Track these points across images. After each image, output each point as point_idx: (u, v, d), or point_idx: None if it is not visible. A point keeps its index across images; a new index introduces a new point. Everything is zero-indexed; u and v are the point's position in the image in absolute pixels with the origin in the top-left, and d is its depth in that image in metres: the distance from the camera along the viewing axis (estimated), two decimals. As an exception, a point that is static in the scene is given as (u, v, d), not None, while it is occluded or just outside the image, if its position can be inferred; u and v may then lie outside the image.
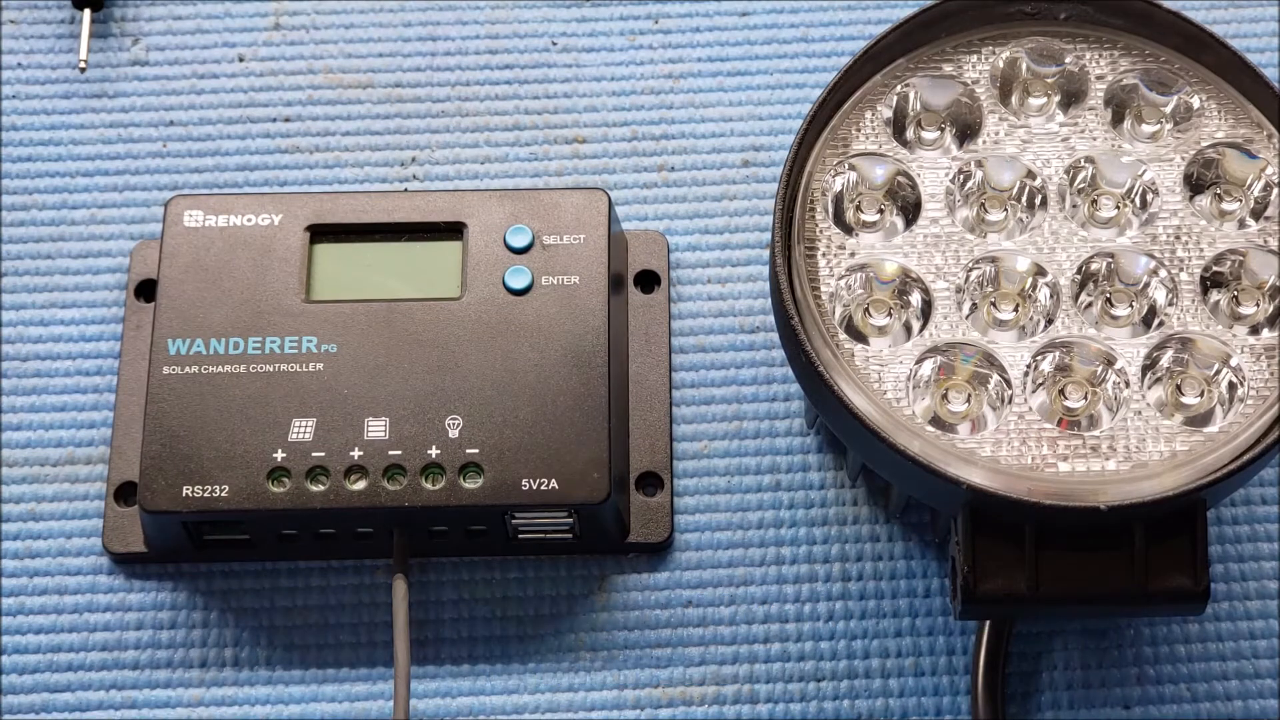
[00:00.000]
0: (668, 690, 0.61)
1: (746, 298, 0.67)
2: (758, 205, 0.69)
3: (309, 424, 0.60)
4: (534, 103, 0.71)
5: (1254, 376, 0.55)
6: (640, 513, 0.63)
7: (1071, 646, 0.61)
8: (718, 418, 0.65)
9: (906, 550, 0.63)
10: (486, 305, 0.62)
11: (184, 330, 0.61)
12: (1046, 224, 0.58)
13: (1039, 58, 0.60)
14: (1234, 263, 0.57)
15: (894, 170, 0.59)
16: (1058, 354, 0.56)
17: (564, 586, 0.62)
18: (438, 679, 0.61)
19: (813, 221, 0.57)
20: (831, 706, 0.61)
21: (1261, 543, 0.63)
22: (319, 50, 0.72)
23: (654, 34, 0.73)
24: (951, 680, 0.61)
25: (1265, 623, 0.62)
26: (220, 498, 0.59)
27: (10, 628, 0.62)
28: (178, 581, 0.63)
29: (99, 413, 0.65)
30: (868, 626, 0.62)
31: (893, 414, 0.54)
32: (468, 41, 0.73)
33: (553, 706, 0.61)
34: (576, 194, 0.65)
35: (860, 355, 0.56)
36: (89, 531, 0.63)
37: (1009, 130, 0.59)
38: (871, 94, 0.59)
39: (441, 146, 0.70)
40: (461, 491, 0.59)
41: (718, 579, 0.63)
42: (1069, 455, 0.54)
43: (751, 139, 0.70)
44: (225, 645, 0.62)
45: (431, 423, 0.60)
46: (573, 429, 0.60)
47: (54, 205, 0.69)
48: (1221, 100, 0.59)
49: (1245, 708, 0.61)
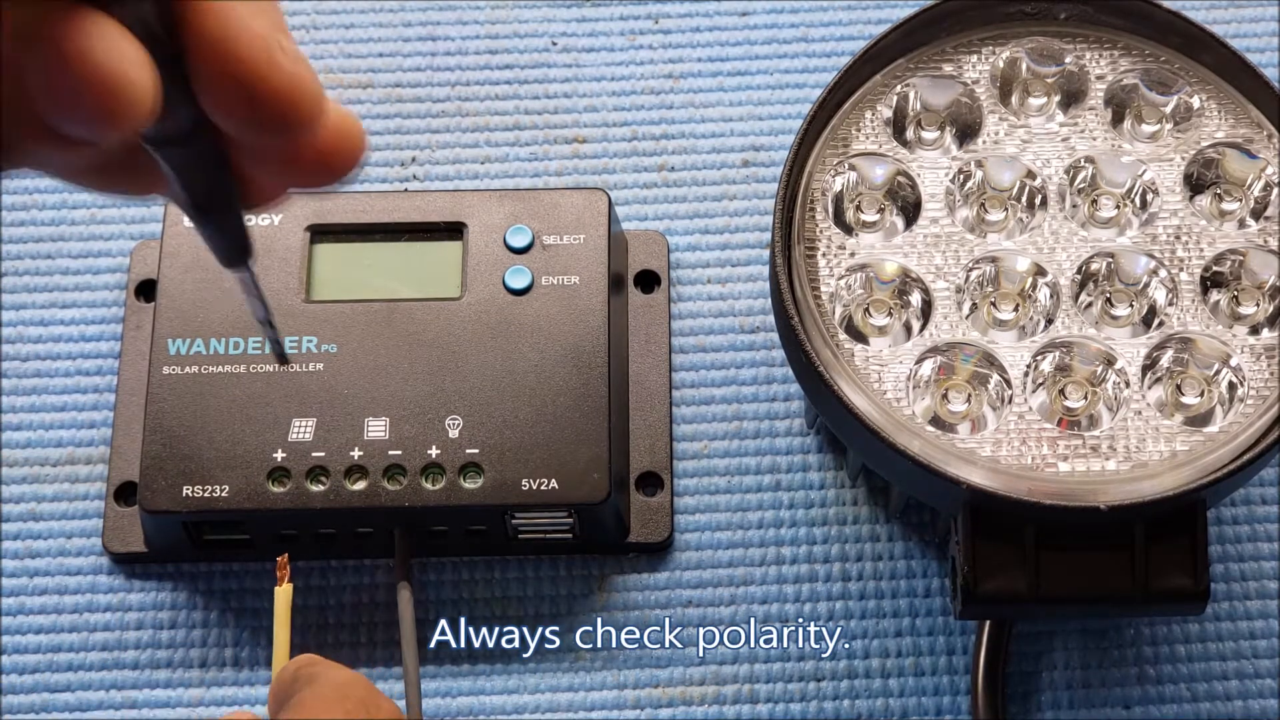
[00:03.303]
0: (668, 690, 0.61)
1: (746, 298, 0.67)
2: (758, 205, 0.69)
3: (309, 424, 0.60)
4: (534, 103, 0.71)
5: (1254, 376, 0.55)
6: (640, 513, 0.63)
7: (1071, 646, 0.61)
8: (718, 418, 0.65)
9: (906, 550, 0.63)
10: (486, 305, 0.62)
11: (184, 330, 0.61)
12: (1046, 224, 0.58)
13: (1039, 58, 0.60)
14: (1234, 263, 0.57)
15: (894, 170, 0.59)
16: (1058, 354, 0.56)
17: (564, 586, 0.62)
18: (438, 679, 0.61)
19: (813, 221, 0.57)
20: (831, 706, 0.61)
21: (1261, 543, 0.63)
22: (319, 50, 0.72)
23: (654, 34, 0.73)
24: (951, 680, 0.61)
25: (1265, 623, 0.62)
26: (220, 498, 0.59)
27: (10, 628, 0.62)
28: (178, 581, 0.63)
29: (99, 413, 0.65)
30: (868, 626, 0.62)
31: (893, 414, 0.54)
32: (468, 41, 0.73)
33: (553, 706, 0.61)
34: (576, 194, 0.65)
35: (860, 355, 0.56)
36: (89, 531, 0.63)
37: (1009, 130, 0.59)
38: (871, 94, 0.59)
39: (441, 146, 0.70)
40: (461, 491, 0.59)
41: (718, 579, 0.63)
42: (1069, 455, 0.54)
43: (751, 139, 0.70)
44: (225, 645, 0.62)
45: (431, 423, 0.60)
46: (573, 429, 0.60)
47: (54, 205, 0.69)
48: (1221, 100, 0.59)
49: (1245, 708, 0.61)
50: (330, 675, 0.48)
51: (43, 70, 0.32)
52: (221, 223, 0.40)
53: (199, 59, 0.34)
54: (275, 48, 0.34)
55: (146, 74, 0.32)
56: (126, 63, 0.32)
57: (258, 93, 0.34)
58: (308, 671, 0.49)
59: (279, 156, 0.37)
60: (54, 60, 0.32)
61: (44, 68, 0.32)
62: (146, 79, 0.32)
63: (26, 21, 0.32)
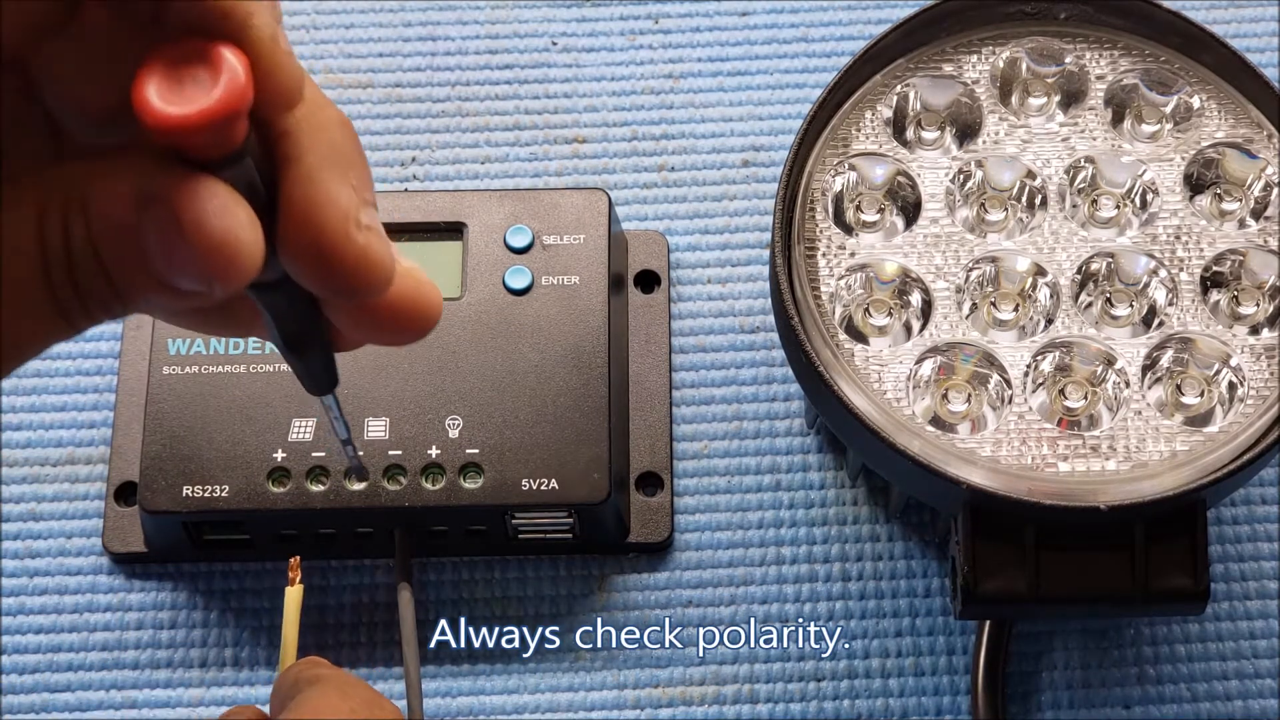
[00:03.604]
0: (668, 690, 0.61)
1: (746, 298, 0.67)
2: (758, 205, 0.69)
3: (309, 424, 0.60)
4: (534, 103, 0.71)
5: (1254, 376, 0.55)
6: (640, 513, 0.63)
7: (1071, 646, 0.61)
8: (718, 418, 0.65)
9: (906, 550, 0.63)
10: (486, 305, 0.62)
11: (184, 330, 0.61)
12: (1046, 224, 0.58)
13: (1039, 58, 0.60)
14: (1234, 263, 0.57)
15: (894, 170, 0.59)
16: (1058, 354, 0.56)
17: (564, 586, 0.62)
18: (438, 679, 0.61)
19: (813, 221, 0.57)
20: (831, 706, 0.61)
21: (1261, 543, 0.63)
22: (319, 50, 0.72)
23: (654, 34, 0.73)
24: (951, 680, 0.61)
25: (1265, 623, 0.62)
26: (220, 498, 0.59)
27: (10, 628, 0.62)
28: (178, 581, 0.63)
29: (99, 413, 0.65)
30: (868, 626, 0.62)
31: (893, 414, 0.54)
32: (468, 41, 0.73)
33: (553, 706, 0.61)
34: (576, 194, 0.65)
35: (860, 355, 0.56)
36: (89, 531, 0.63)
37: (1009, 130, 0.59)
38: (871, 94, 0.59)
39: (441, 146, 0.70)
40: (461, 491, 0.59)
41: (718, 579, 0.63)
42: (1069, 455, 0.54)
43: (751, 139, 0.70)
44: (225, 645, 0.62)
45: (431, 423, 0.60)
46: (573, 429, 0.60)
47: (54, 205, 0.69)
48: (1221, 100, 0.59)
49: (1245, 708, 0.61)
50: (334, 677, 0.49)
51: (160, 235, 0.34)
52: (310, 358, 0.42)
53: (285, 221, 0.36)
54: (353, 223, 0.36)
55: (256, 235, 0.34)
56: (239, 227, 0.34)
57: (328, 262, 0.36)
58: (311, 673, 0.49)
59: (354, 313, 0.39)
60: (171, 227, 0.34)
61: (161, 233, 0.34)
62: (256, 240, 0.34)
63: (144, 187, 0.34)
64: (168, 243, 0.34)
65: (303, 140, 0.36)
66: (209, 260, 0.34)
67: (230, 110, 0.34)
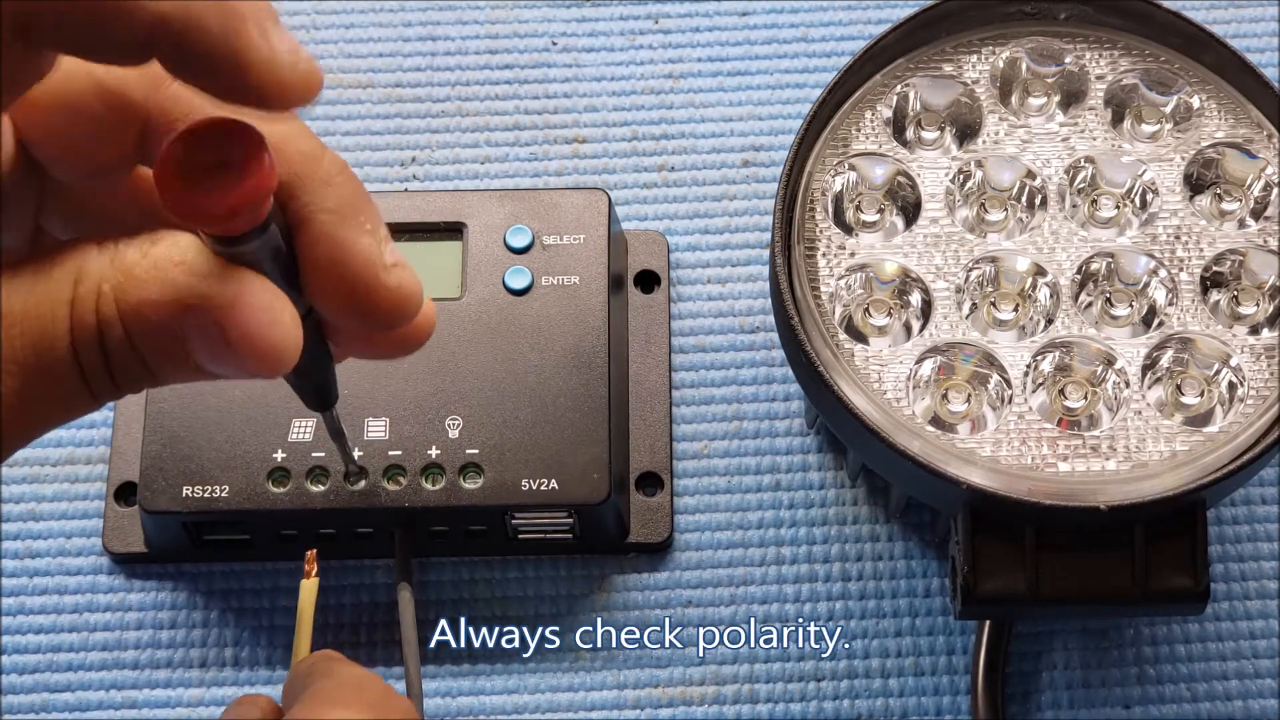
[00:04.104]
0: (668, 690, 0.61)
1: (746, 298, 0.67)
2: (758, 205, 0.69)
3: (309, 424, 0.60)
4: (534, 103, 0.71)
5: (1254, 376, 0.55)
6: (640, 513, 0.63)
7: (1071, 646, 0.61)
8: (718, 418, 0.65)
9: (906, 550, 0.63)
10: (486, 305, 0.62)
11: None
12: (1046, 224, 0.58)
13: (1039, 58, 0.60)
14: (1234, 263, 0.57)
15: (894, 170, 0.59)
16: (1058, 354, 0.56)
17: (564, 586, 0.62)
18: (438, 679, 0.61)
19: (813, 221, 0.57)
20: (831, 706, 0.61)
21: (1261, 543, 0.63)
22: (319, 50, 0.72)
23: (654, 34, 0.73)
24: (951, 680, 0.61)
25: (1265, 623, 0.62)
26: (220, 498, 0.59)
27: (10, 628, 0.62)
28: (178, 581, 0.63)
29: (99, 413, 0.65)
30: (868, 626, 0.62)
31: (893, 414, 0.54)
32: (468, 41, 0.73)
33: (553, 706, 0.61)
34: (576, 194, 0.65)
35: (860, 355, 0.56)
36: (89, 531, 0.63)
37: (1009, 130, 0.59)
38: (871, 94, 0.59)
39: (441, 146, 0.70)
40: (461, 492, 0.59)
41: (718, 579, 0.63)
42: (1069, 455, 0.54)
43: (751, 139, 0.70)
44: (225, 645, 0.62)
45: (431, 423, 0.60)
46: (573, 429, 0.60)
47: (54, 205, 0.69)
48: (1221, 100, 0.59)
49: (1245, 708, 0.61)
50: (347, 671, 0.49)
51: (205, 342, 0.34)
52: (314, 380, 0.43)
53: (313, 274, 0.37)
54: (380, 264, 0.37)
55: (298, 331, 0.35)
56: (284, 334, 0.35)
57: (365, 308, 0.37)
58: (324, 666, 0.49)
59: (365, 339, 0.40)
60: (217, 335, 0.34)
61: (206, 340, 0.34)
62: (298, 337, 0.35)
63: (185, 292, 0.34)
64: (213, 349, 0.34)
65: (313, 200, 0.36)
66: (254, 364, 0.34)
67: (262, 194, 0.33)
